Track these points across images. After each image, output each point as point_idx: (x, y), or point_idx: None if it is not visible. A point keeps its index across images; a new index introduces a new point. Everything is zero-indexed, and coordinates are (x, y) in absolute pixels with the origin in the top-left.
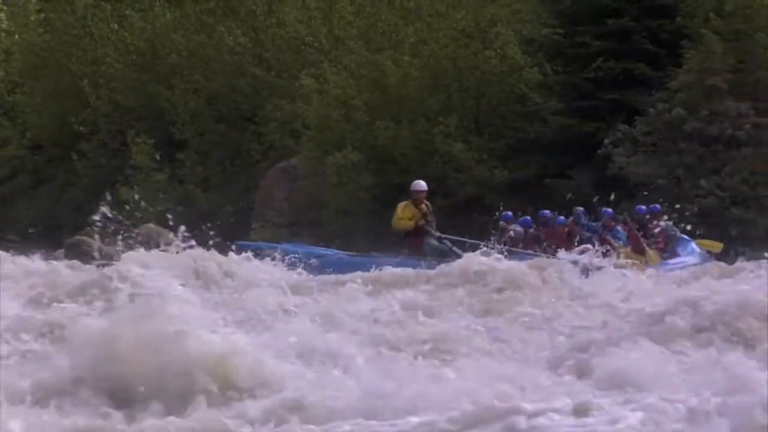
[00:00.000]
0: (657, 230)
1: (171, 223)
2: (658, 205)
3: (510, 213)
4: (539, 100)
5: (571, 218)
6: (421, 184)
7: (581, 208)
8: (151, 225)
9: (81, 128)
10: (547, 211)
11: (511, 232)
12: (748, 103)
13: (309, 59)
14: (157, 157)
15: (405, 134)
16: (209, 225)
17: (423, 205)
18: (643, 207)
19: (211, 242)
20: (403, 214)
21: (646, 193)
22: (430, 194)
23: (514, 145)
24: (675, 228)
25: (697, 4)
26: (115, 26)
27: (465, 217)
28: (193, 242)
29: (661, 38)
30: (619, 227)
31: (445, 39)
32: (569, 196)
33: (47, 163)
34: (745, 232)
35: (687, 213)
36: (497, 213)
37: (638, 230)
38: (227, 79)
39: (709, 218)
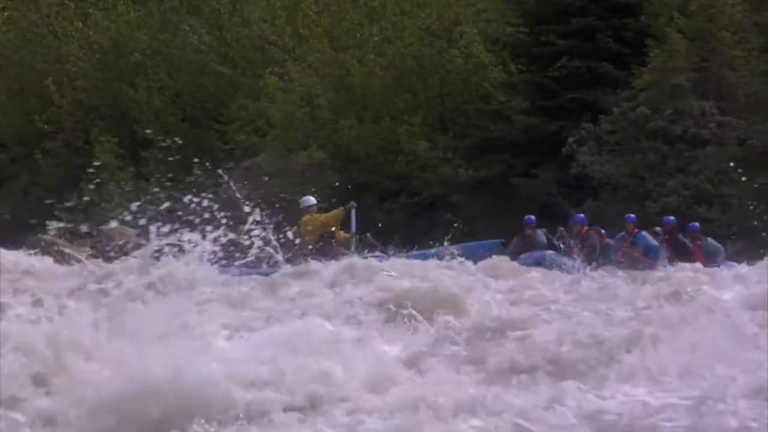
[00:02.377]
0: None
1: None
2: (696, 224)
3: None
4: (504, 99)
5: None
6: (310, 200)
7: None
8: (115, 224)
9: (45, 126)
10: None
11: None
12: (712, 101)
13: (273, 58)
14: (120, 154)
15: (369, 133)
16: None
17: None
18: (671, 218)
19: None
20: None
21: (610, 191)
22: (396, 193)
23: (479, 144)
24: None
25: (662, 3)
26: (79, 25)
27: (430, 216)
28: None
29: (625, 37)
30: (644, 233)
31: (409, 38)
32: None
33: (11, 162)
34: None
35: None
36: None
37: (668, 239)
38: (191, 77)
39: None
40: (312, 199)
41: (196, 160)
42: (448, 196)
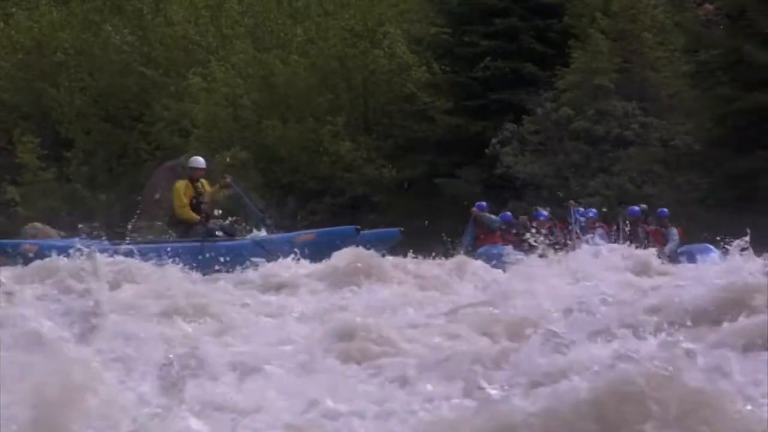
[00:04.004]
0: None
1: None
2: (665, 210)
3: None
4: (427, 99)
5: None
6: (200, 161)
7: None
8: (37, 224)
9: None
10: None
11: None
12: (634, 102)
13: (197, 58)
14: (41, 154)
15: (293, 133)
16: (95, 224)
17: (198, 184)
18: (636, 208)
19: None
20: (185, 197)
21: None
22: (319, 194)
23: (403, 144)
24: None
25: (584, 4)
26: (1, 24)
27: (353, 217)
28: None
29: (548, 38)
30: (601, 228)
31: (333, 38)
32: None
33: None
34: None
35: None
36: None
37: (629, 231)
38: (114, 77)
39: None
40: (202, 161)
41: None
42: (371, 197)
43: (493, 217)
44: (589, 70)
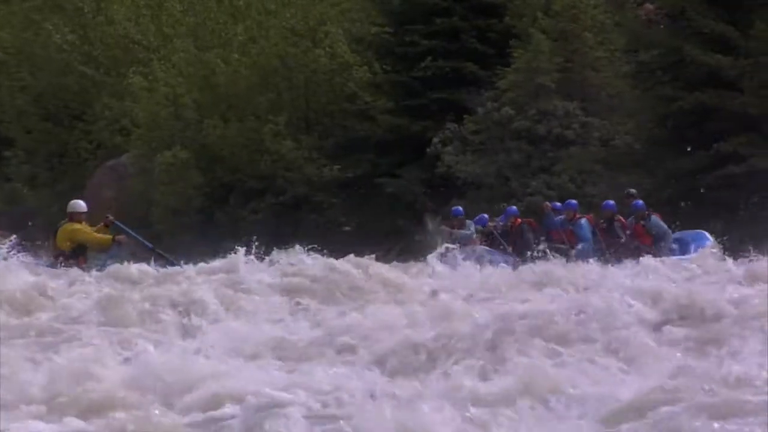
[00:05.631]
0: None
1: None
2: (641, 201)
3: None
4: (369, 98)
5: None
6: (80, 205)
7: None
8: None
9: None
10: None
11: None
12: (575, 102)
13: (138, 57)
14: None
15: (234, 132)
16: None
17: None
18: (611, 202)
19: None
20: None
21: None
22: (261, 193)
23: (344, 143)
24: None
25: (525, 3)
26: None
27: (295, 216)
28: None
29: (489, 38)
30: (583, 220)
31: (274, 37)
32: None
33: None
34: None
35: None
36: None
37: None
38: (55, 76)
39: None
40: (83, 204)
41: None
42: (312, 196)
43: (466, 232)
44: (530, 69)
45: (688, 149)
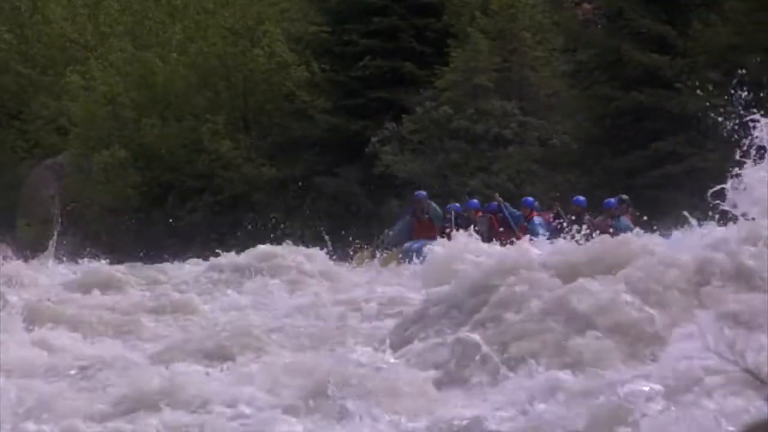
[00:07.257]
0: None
1: None
2: (613, 200)
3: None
4: (307, 98)
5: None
6: None
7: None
8: None
9: None
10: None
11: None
12: (513, 101)
13: (75, 56)
14: None
15: (172, 132)
16: None
17: None
18: (581, 198)
19: None
20: None
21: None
22: (199, 192)
23: (282, 143)
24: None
25: (463, 3)
26: None
27: (233, 216)
28: None
29: (427, 37)
30: (536, 218)
31: (212, 37)
32: None
33: None
34: None
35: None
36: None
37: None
38: None
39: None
40: None
41: None
42: (250, 196)
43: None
44: (469, 69)
45: (626, 149)
